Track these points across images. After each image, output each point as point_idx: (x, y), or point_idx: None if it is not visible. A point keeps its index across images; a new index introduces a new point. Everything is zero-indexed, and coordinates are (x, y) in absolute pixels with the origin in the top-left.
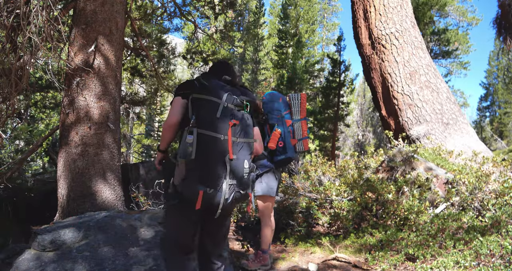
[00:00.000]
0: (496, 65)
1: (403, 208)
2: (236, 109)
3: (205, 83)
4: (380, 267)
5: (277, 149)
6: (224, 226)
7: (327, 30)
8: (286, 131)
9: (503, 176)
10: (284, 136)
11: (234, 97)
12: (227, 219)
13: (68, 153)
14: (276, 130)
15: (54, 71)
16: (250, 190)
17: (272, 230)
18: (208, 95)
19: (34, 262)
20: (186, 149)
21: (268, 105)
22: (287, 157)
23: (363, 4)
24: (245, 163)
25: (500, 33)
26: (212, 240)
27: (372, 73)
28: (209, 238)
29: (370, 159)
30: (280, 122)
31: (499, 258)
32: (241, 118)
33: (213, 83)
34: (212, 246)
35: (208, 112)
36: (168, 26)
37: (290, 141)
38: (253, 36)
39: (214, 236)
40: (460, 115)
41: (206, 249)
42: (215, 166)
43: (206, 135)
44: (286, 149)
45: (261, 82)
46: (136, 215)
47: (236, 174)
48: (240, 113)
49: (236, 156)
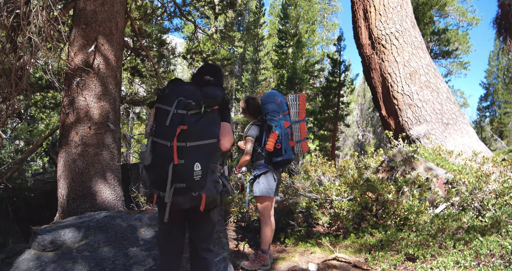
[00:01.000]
0: (496, 65)
1: (403, 208)
2: (189, 114)
3: (162, 92)
4: (380, 267)
5: (275, 150)
6: (206, 222)
7: (327, 30)
8: (283, 133)
9: (503, 176)
10: (282, 138)
11: (188, 101)
12: (209, 216)
13: (68, 153)
14: (274, 132)
15: (54, 71)
16: (203, 191)
17: (272, 230)
18: (162, 104)
19: (34, 262)
20: (143, 156)
21: (265, 107)
22: (285, 158)
23: (363, 4)
24: (196, 165)
25: (500, 33)
26: (196, 235)
27: (372, 73)
28: (194, 233)
29: (370, 159)
30: (278, 124)
31: (499, 258)
32: (194, 122)
33: (169, 91)
34: (198, 240)
35: (160, 120)
36: (168, 26)
37: (289, 142)
38: (253, 36)
39: (197, 232)
40: (460, 115)
41: (193, 243)
42: (162, 171)
43: (157, 142)
44: (282, 150)
45: (261, 82)
46: (136, 215)
47: (185, 177)
48: (193, 117)
49: (184, 160)
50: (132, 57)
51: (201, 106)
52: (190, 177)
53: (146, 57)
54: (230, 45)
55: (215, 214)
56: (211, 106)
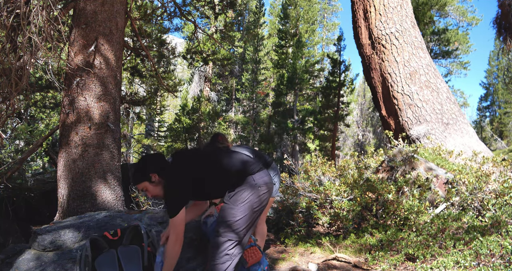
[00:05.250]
0: (496, 65)
1: (403, 208)
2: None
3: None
4: (380, 267)
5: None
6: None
7: (327, 30)
8: None
9: (503, 176)
10: None
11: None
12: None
13: (68, 153)
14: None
15: (54, 71)
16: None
17: (263, 234)
18: None
19: (34, 262)
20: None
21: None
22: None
23: (363, 4)
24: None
25: (500, 33)
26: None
27: (372, 73)
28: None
29: (370, 159)
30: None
31: (499, 258)
32: None
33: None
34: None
35: None
36: (168, 26)
37: None
38: (253, 36)
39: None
40: (460, 115)
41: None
42: None
43: None
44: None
45: (261, 82)
46: (136, 215)
47: None
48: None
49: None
50: (132, 57)
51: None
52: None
53: (146, 57)
54: (230, 45)
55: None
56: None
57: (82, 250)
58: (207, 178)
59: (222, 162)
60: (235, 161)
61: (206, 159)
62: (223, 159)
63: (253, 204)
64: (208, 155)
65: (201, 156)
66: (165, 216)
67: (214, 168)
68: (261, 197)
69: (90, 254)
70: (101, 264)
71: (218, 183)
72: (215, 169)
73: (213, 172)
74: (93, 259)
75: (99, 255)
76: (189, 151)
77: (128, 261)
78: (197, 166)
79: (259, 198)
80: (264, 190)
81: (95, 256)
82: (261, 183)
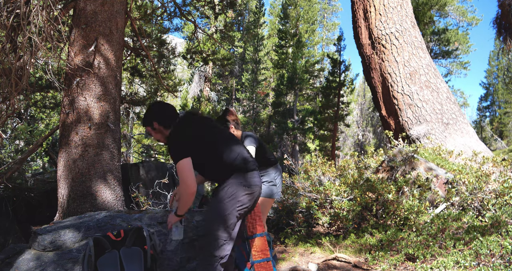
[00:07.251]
0: (496, 65)
1: (403, 208)
2: None
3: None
4: (380, 267)
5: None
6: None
7: (327, 30)
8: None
9: (503, 176)
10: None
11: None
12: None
13: (68, 153)
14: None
15: (54, 71)
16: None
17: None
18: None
19: (34, 262)
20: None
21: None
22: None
23: (363, 4)
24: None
25: (500, 33)
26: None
27: (372, 73)
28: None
29: (370, 159)
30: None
31: (499, 258)
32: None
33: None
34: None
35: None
36: (168, 26)
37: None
38: (253, 36)
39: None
40: (460, 115)
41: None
42: None
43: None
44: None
45: (261, 82)
46: (136, 215)
47: None
48: None
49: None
50: (132, 57)
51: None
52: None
53: (146, 57)
54: (230, 45)
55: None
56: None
57: (85, 249)
58: (204, 158)
59: (223, 152)
60: (234, 154)
61: (210, 140)
62: (225, 150)
63: (237, 202)
64: (214, 135)
65: (208, 133)
66: (165, 216)
67: (212, 153)
68: (245, 196)
69: (94, 253)
70: (103, 264)
71: (211, 167)
72: (213, 155)
73: (210, 156)
74: (95, 259)
75: (101, 255)
76: (203, 118)
77: (130, 263)
78: (200, 141)
79: (243, 197)
80: (250, 191)
81: (98, 256)
82: (249, 184)
